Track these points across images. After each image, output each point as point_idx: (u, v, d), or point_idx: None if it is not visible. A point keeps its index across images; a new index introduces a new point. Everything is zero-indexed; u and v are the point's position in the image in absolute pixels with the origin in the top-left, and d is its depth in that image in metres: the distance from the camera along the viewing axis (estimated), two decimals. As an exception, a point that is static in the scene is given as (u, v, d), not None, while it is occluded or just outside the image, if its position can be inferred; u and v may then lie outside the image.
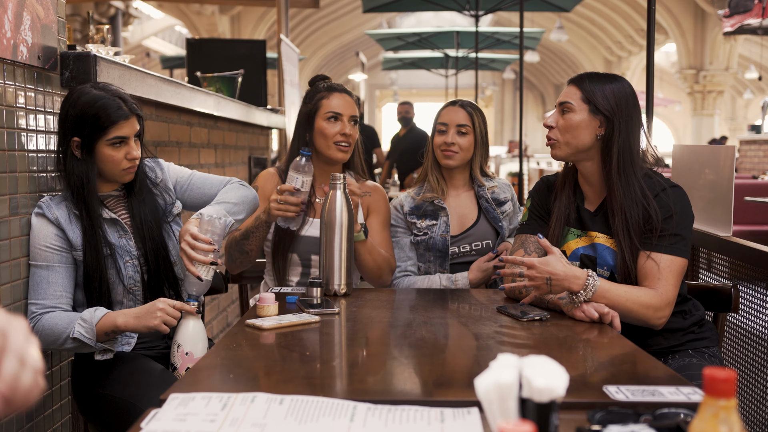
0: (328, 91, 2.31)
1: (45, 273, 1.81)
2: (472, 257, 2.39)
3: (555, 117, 1.94)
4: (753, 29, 8.83)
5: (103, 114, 1.79)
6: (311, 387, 1.25)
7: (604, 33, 20.08)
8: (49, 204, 1.84)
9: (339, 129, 2.26)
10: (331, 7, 18.66)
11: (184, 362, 1.75)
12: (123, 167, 1.85)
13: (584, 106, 1.89)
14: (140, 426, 1.06)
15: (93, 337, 1.74)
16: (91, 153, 1.82)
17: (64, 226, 1.81)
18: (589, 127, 1.89)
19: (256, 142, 4.53)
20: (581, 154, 1.92)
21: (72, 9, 10.39)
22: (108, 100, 1.81)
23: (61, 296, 1.81)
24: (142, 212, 1.91)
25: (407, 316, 1.89)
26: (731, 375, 0.75)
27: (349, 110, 2.29)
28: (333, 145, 2.27)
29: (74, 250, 1.82)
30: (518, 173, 6.38)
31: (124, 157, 1.83)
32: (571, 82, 1.96)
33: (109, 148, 1.82)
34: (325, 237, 2.03)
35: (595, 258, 1.92)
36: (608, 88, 1.89)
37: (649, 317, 1.78)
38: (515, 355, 0.93)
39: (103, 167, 1.84)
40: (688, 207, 1.88)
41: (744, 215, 5.40)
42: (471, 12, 8.04)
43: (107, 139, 1.81)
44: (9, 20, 1.79)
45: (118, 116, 1.81)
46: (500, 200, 2.45)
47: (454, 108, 2.44)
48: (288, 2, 6.71)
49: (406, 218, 2.42)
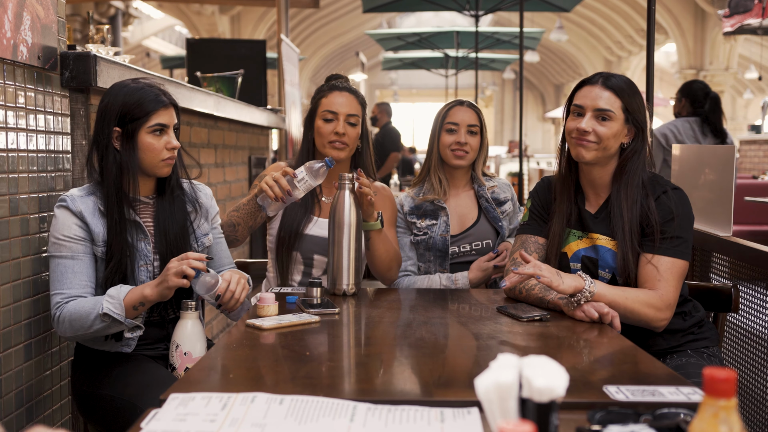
0: (329, 90, 2.30)
1: (70, 263, 1.80)
2: (472, 257, 2.39)
3: (591, 123, 1.87)
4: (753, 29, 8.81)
5: (145, 101, 1.83)
6: (311, 387, 1.25)
7: (604, 33, 20.08)
8: (74, 197, 1.83)
9: (333, 128, 2.24)
10: (331, 7, 18.65)
11: (183, 362, 1.75)
12: (163, 157, 1.85)
13: (622, 116, 1.88)
14: (140, 426, 1.06)
15: (122, 312, 1.72)
16: (132, 142, 1.83)
17: (87, 219, 1.81)
18: (619, 136, 1.88)
19: (256, 142, 4.53)
20: (604, 160, 1.91)
21: (72, 9, 10.39)
22: (147, 90, 1.86)
23: (86, 285, 1.80)
24: (168, 220, 1.90)
25: (407, 316, 1.88)
26: (731, 375, 0.75)
27: (345, 109, 2.26)
28: (327, 144, 2.25)
29: (95, 244, 1.82)
30: (518, 173, 6.38)
31: (164, 146, 1.85)
32: (602, 85, 1.89)
33: (149, 136, 1.84)
34: (334, 236, 2.03)
35: (597, 260, 1.91)
36: (639, 98, 1.89)
37: (651, 318, 1.78)
38: (515, 355, 0.93)
39: (144, 157, 1.85)
40: (689, 209, 1.87)
41: (744, 215, 5.40)
42: (471, 12, 8.04)
43: (148, 126, 1.83)
44: (9, 20, 1.79)
45: (159, 103, 1.84)
46: (500, 200, 2.45)
47: (463, 108, 2.43)
48: (288, 2, 6.71)
49: (406, 218, 2.41)
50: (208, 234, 2.01)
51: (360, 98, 2.33)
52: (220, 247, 2.08)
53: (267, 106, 4.76)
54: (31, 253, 1.94)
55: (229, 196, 3.83)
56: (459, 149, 2.37)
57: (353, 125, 2.27)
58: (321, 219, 2.28)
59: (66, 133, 2.12)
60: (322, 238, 2.25)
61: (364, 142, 2.34)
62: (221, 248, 2.08)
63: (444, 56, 12.43)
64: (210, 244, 2.01)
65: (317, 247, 2.26)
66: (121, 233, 1.81)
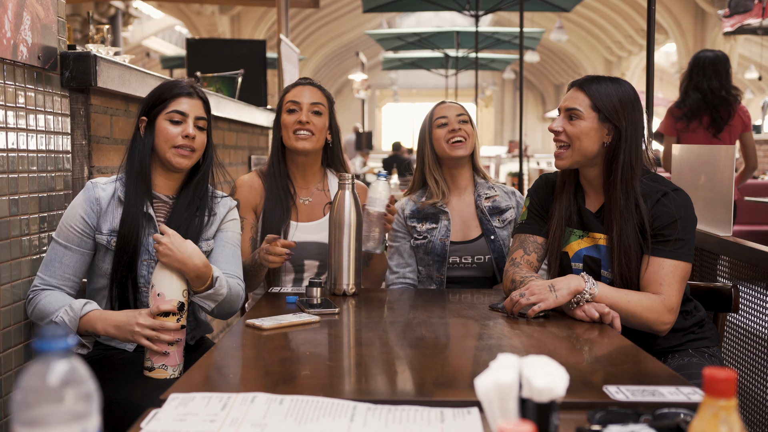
0: (292, 86, 2.30)
1: (61, 252, 1.82)
2: (474, 269, 2.35)
3: (561, 122, 1.90)
4: (753, 29, 8.81)
5: (168, 89, 1.89)
6: (311, 387, 1.25)
7: (604, 33, 20.07)
8: (96, 183, 1.87)
9: (296, 118, 2.21)
10: (331, 7, 18.65)
11: (156, 303, 1.70)
12: (175, 143, 1.86)
13: (593, 114, 1.86)
14: (140, 426, 1.06)
15: (74, 328, 1.75)
16: (152, 128, 1.87)
17: (101, 205, 1.83)
18: (597, 135, 1.86)
19: (256, 142, 4.53)
20: (586, 161, 1.90)
21: (72, 9, 10.39)
22: (177, 81, 1.93)
23: (68, 279, 1.83)
24: (177, 219, 1.89)
25: (407, 316, 1.88)
26: (731, 375, 0.75)
27: (308, 99, 2.23)
28: (292, 135, 2.21)
29: (99, 232, 1.83)
30: (518, 173, 6.38)
31: (180, 134, 1.86)
32: (577, 86, 1.91)
33: (166, 122, 1.87)
34: (335, 237, 2.02)
35: (599, 260, 1.90)
36: (615, 95, 1.85)
37: (653, 323, 1.77)
38: (515, 355, 0.93)
39: (158, 143, 1.87)
40: (691, 211, 1.85)
41: (744, 215, 5.39)
42: (471, 12, 8.04)
43: (166, 111, 1.87)
44: (9, 20, 1.79)
45: (180, 90, 1.89)
46: (501, 208, 2.39)
47: (445, 105, 2.43)
48: (288, 2, 6.71)
49: (406, 222, 2.38)
50: (209, 240, 1.97)
51: (325, 92, 2.31)
52: (222, 251, 1.97)
53: (267, 106, 4.75)
54: (31, 253, 1.94)
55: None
56: (454, 136, 2.33)
57: (318, 113, 2.23)
58: (301, 223, 2.25)
59: (66, 133, 2.12)
60: (307, 243, 2.22)
61: (334, 136, 2.31)
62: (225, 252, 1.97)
63: (444, 56, 12.44)
64: (209, 249, 1.96)
65: (304, 253, 2.23)
66: (133, 223, 1.82)
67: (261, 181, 2.30)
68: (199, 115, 1.90)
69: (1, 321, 1.82)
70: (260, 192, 2.28)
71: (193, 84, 1.93)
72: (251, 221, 2.27)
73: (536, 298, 1.74)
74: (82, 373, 0.73)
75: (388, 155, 12.71)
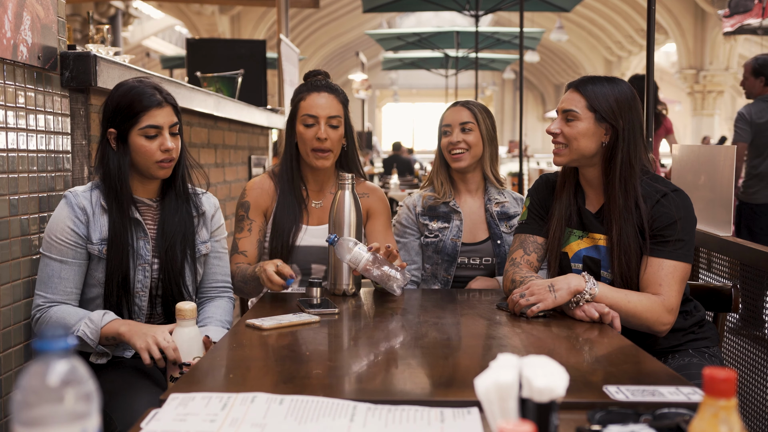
0: (307, 92, 2.20)
1: (58, 267, 1.80)
2: (480, 270, 2.38)
3: (559, 124, 1.90)
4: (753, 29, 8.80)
5: (136, 100, 1.80)
6: (311, 387, 1.25)
7: (604, 33, 20.07)
8: (77, 193, 1.82)
9: (314, 133, 2.15)
10: (331, 7, 18.65)
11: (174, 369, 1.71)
12: (156, 159, 1.82)
13: (589, 114, 1.86)
14: (140, 426, 1.06)
15: (96, 339, 1.74)
16: (126, 144, 1.81)
17: (88, 215, 1.81)
18: (595, 135, 1.86)
19: (256, 142, 4.53)
20: (585, 161, 1.90)
21: (72, 9, 10.39)
22: (143, 88, 1.82)
23: (71, 292, 1.81)
24: (170, 222, 1.89)
25: (407, 316, 1.88)
26: (731, 375, 0.75)
27: (326, 111, 2.16)
28: (311, 153, 2.17)
29: (90, 242, 1.81)
30: (518, 173, 6.37)
31: (158, 148, 1.81)
32: (573, 87, 1.91)
33: (141, 139, 1.80)
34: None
35: (599, 260, 1.90)
36: (612, 94, 1.85)
37: (653, 323, 1.77)
38: (515, 355, 0.93)
39: (137, 159, 1.82)
40: (691, 211, 1.85)
41: (744, 215, 5.38)
42: (471, 12, 8.03)
43: (139, 128, 1.80)
44: (9, 20, 1.79)
45: (151, 102, 1.80)
46: (509, 214, 2.40)
47: (455, 108, 2.42)
48: (288, 2, 6.71)
49: (417, 219, 2.39)
50: (206, 242, 1.98)
51: (341, 96, 2.23)
52: (217, 262, 2.01)
53: (267, 106, 4.75)
54: (31, 253, 1.94)
55: (229, 196, 3.83)
56: (453, 149, 2.35)
57: (335, 127, 2.18)
58: (311, 227, 2.22)
59: (66, 133, 2.12)
60: (315, 247, 2.20)
61: (349, 141, 2.26)
62: (219, 263, 2.02)
63: (444, 56, 12.44)
64: (207, 252, 1.98)
65: (312, 257, 2.21)
66: (122, 230, 1.81)
67: (273, 183, 2.26)
68: (172, 122, 1.85)
69: (1, 321, 1.81)
70: (272, 194, 2.24)
71: (159, 88, 1.84)
72: (260, 224, 2.23)
73: (535, 299, 1.74)
74: (82, 373, 0.73)
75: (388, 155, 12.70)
